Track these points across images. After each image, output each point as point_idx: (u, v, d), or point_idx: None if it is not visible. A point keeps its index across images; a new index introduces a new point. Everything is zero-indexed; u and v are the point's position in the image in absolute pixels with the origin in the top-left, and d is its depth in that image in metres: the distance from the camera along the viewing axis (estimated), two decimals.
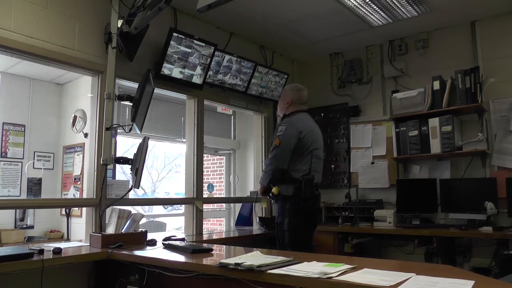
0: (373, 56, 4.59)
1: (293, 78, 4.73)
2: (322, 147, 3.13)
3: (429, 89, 3.90)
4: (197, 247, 2.44)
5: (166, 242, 2.64)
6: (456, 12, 3.80)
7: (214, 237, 3.62)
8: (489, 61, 3.87)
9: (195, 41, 3.48)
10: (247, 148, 5.10)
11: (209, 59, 3.65)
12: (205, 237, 3.54)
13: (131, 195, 3.38)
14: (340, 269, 1.67)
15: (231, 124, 5.27)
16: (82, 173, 4.29)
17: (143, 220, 4.46)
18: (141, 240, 2.78)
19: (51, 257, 2.29)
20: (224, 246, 2.78)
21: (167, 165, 12.01)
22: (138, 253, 2.42)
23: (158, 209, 6.09)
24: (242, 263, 1.78)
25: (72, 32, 2.92)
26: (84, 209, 3.52)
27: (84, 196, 3.13)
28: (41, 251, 2.28)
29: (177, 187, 9.52)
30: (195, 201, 3.71)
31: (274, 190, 2.94)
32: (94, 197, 2.95)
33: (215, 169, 6.13)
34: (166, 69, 3.39)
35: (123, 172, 3.89)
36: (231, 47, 4.06)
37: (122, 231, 2.76)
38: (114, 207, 2.90)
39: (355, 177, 4.49)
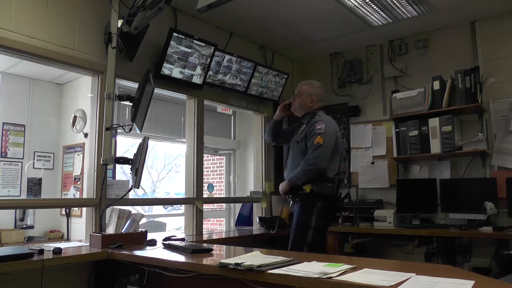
0: (373, 56, 4.59)
1: (293, 78, 4.72)
2: None
3: (429, 89, 3.90)
4: (197, 247, 2.44)
5: (166, 242, 2.64)
6: (456, 12, 3.80)
7: (214, 237, 3.62)
8: (489, 61, 3.87)
9: (195, 41, 3.48)
10: (247, 148, 5.10)
11: (209, 59, 3.65)
12: (205, 237, 3.54)
13: (131, 195, 3.38)
14: (340, 269, 1.67)
15: (231, 124, 5.27)
16: (82, 173, 4.28)
17: (143, 220, 4.46)
18: (141, 240, 2.78)
19: (51, 257, 2.29)
20: (224, 246, 2.78)
21: (167, 165, 12.01)
22: (138, 253, 2.42)
23: (158, 209, 6.08)
24: (242, 263, 1.78)
25: (72, 32, 2.92)
26: (84, 209, 3.52)
27: (84, 196, 3.13)
28: (41, 251, 2.28)
29: (177, 187, 9.52)
30: (195, 201, 3.71)
31: (305, 188, 2.82)
32: (94, 197, 2.95)
33: (215, 169, 6.13)
34: (166, 69, 3.39)
35: (123, 172, 3.89)
36: (231, 47, 4.06)
37: (122, 231, 2.76)
38: (114, 207, 2.90)
39: (355, 177, 4.49)
